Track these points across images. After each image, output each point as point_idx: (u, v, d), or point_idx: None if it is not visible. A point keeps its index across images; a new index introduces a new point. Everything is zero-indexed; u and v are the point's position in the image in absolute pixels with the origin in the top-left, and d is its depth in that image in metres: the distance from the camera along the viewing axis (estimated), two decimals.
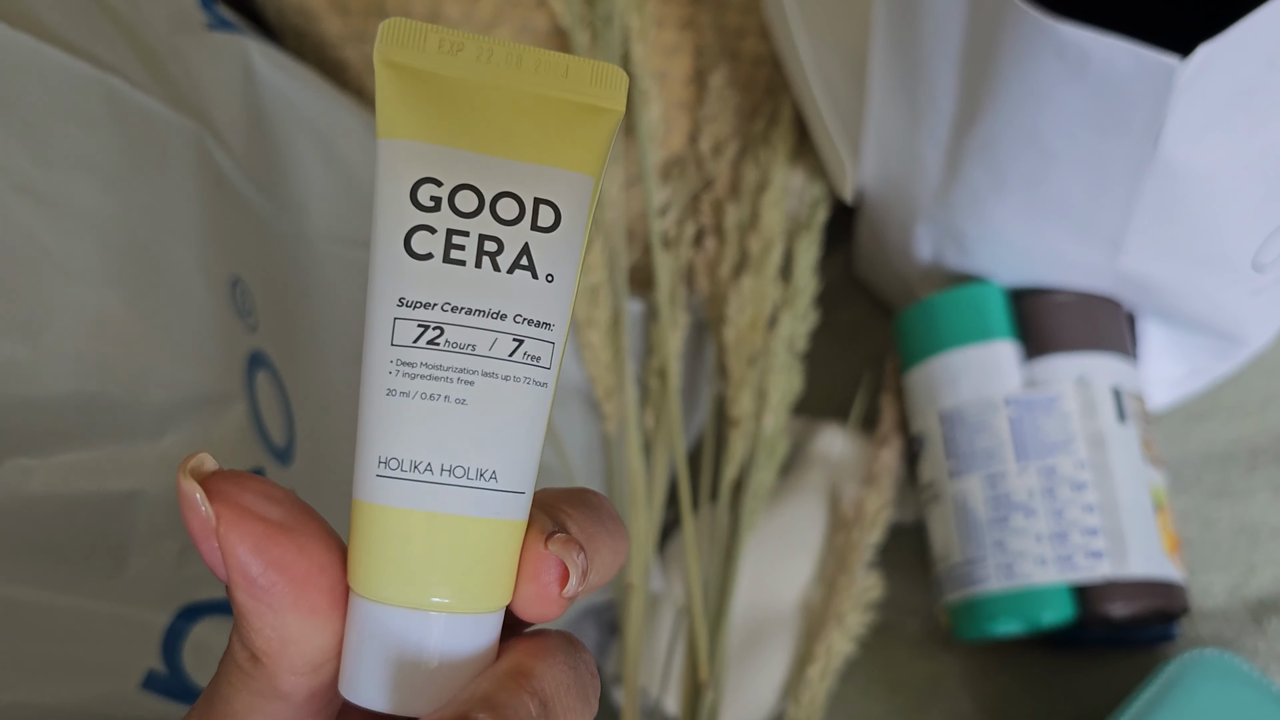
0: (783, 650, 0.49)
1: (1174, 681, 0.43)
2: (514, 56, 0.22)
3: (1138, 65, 0.36)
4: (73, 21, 0.36)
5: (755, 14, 0.55)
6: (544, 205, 0.22)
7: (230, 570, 0.21)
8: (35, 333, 0.32)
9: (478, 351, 0.22)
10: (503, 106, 0.22)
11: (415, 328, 0.21)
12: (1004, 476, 0.45)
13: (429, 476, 0.22)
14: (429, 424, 0.21)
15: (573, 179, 0.22)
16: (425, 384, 0.21)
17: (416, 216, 0.22)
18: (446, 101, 0.22)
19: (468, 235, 0.22)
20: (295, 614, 0.22)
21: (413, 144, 0.22)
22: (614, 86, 0.22)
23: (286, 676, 0.22)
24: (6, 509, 0.32)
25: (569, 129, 0.22)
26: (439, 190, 0.21)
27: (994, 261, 0.48)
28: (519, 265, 0.22)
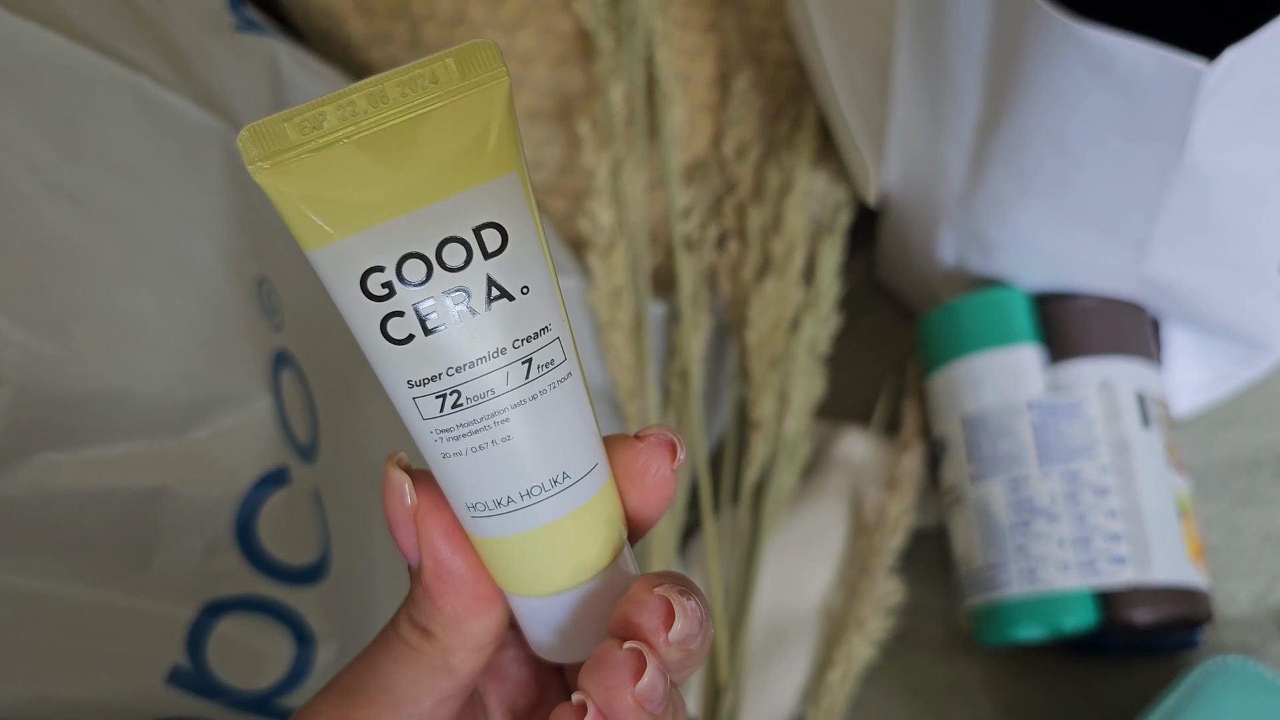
0: (803, 653, 0.49)
1: (1197, 689, 0.43)
2: (377, 94, 0.21)
3: (1164, 68, 0.35)
4: (102, 21, 0.37)
5: (779, 17, 0.55)
6: (485, 230, 0.22)
7: (424, 553, 0.24)
8: (64, 329, 0.32)
9: (498, 392, 0.22)
10: (393, 153, 0.21)
11: (434, 400, 0.22)
12: (1026, 481, 0.45)
13: (514, 506, 0.23)
14: (491, 468, 0.23)
15: (497, 187, 0.22)
16: (469, 440, 0.23)
17: (379, 309, 0.22)
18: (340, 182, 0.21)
19: (433, 299, 0.22)
20: (473, 597, 0.24)
21: (336, 245, 0.21)
22: (484, 60, 0.21)
23: (457, 653, 0.24)
24: (34, 504, 0.33)
25: (465, 136, 0.21)
26: (384, 275, 0.21)
27: (1017, 265, 0.47)
28: (492, 298, 0.22)
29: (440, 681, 0.24)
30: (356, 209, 0.21)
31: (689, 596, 0.24)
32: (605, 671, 0.23)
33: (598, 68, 0.51)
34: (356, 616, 0.41)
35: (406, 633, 0.25)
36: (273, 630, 0.37)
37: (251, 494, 0.36)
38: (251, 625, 0.37)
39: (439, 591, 0.24)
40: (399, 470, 0.24)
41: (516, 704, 0.28)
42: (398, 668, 0.24)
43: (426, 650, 0.24)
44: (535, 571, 0.24)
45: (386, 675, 0.24)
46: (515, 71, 0.52)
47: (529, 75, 0.52)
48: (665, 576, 0.24)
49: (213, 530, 0.36)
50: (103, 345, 0.33)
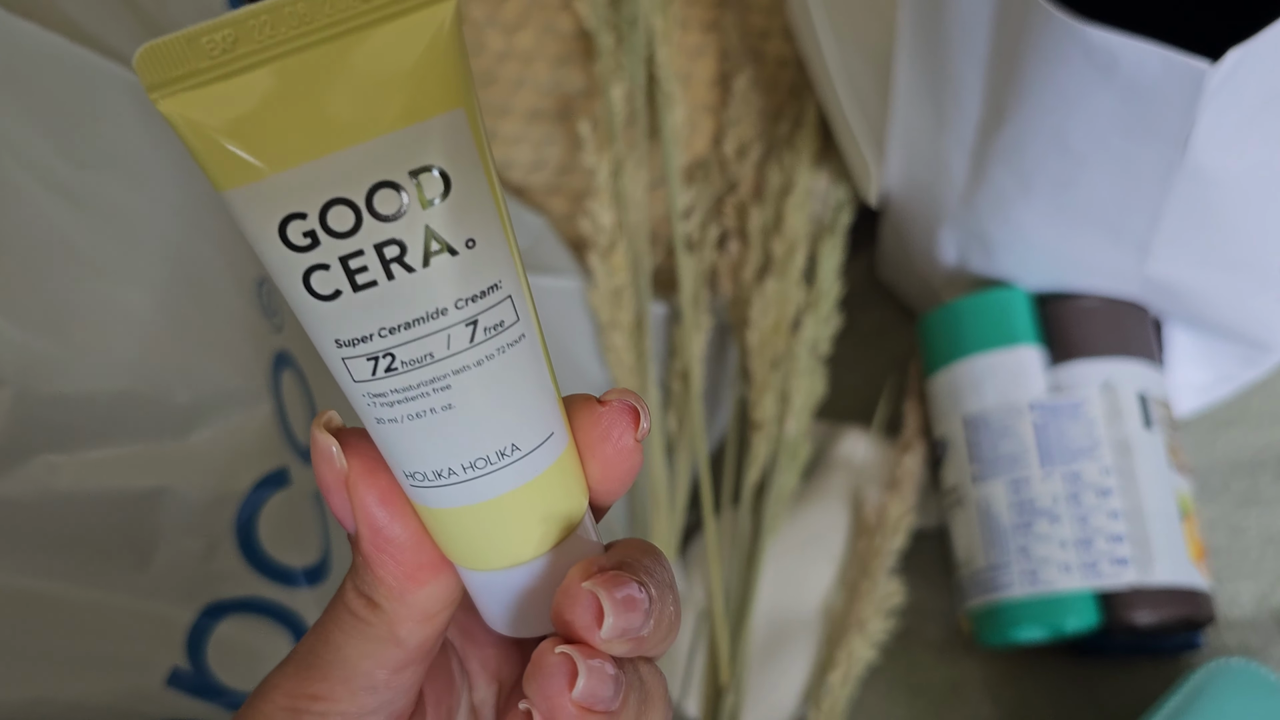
0: (804, 654, 0.49)
1: (1199, 690, 0.43)
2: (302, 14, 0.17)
3: (1167, 69, 0.35)
4: (102, 20, 0.37)
5: (779, 16, 0.55)
6: (424, 174, 0.19)
7: (359, 520, 0.22)
8: (64, 330, 0.32)
9: (437, 357, 0.20)
10: (323, 81, 0.18)
11: (365, 362, 0.20)
12: (1028, 482, 0.45)
13: (456, 479, 0.21)
14: (429, 438, 0.21)
15: (440, 125, 0.19)
16: (405, 407, 0.20)
17: (301, 260, 0.19)
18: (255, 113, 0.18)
19: (363, 253, 0.19)
20: (415, 566, 0.23)
21: (251, 187, 0.18)
22: None
23: (404, 623, 0.23)
24: (34, 505, 0.32)
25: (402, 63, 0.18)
26: (306, 223, 0.18)
27: (1019, 265, 0.47)
28: (431, 251, 0.19)
29: (390, 652, 0.23)
30: (274, 146, 0.18)
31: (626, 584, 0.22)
32: (542, 680, 0.22)
33: (598, 67, 0.51)
34: None
35: (353, 603, 0.23)
36: (273, 632, 0.37)
37: (252, 495, 0.36)
38: (252, 627, 0.37)
39: (378, 561, 0.22)
40: (325, 433, 0.22)
41: (501, 672, 0.27)
42: (346, 639, 0.23)
43: (373, 621, 0.23)
44: (482, 545, 0.22)
45: (337, 647, 0.23)
46: (516, 71, 0.52)
47: (529, 75, 0.52)
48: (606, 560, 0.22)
49: (213, 531, 0.36)
50: (103, 346, 0.33)
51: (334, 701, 0.23)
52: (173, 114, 0.18)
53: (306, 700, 0.23)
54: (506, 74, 0.52)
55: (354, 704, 0.23)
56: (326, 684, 0.23)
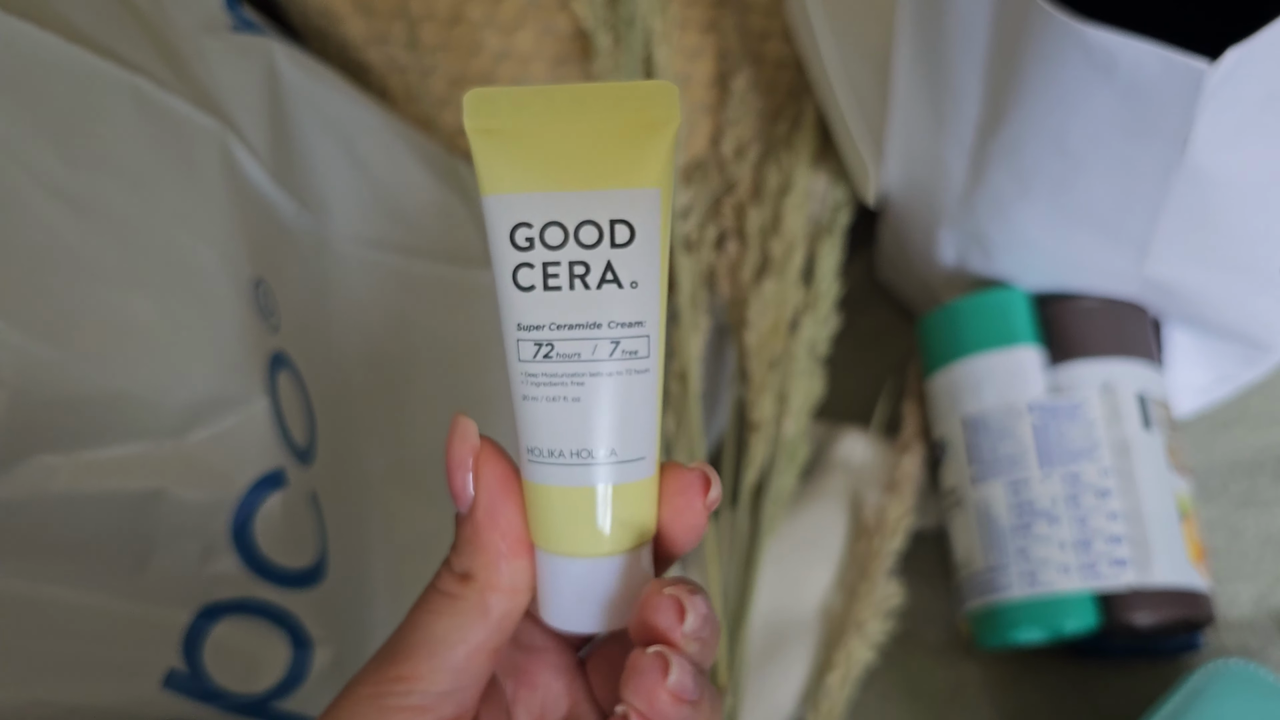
0: (802, 656, 0.49)
1: (1198, 692, 0.43)
2: (575, 98, 0.26)
3: (1166, 69, 0.35)
4: (99, 22, 0.37)
5: (778, 17, 0.55)
6: (619, 224, 0.26)
7: (481, 490, 0.26)
8: (61, 332, 0.32)
9: (583, 358, 0.26)
10: (571, 145, 0.26)
11: (532, 346, 0.26)
12: (1027, 483, 0.45)
13: (562, 460, 0.26)
14: (556, 420, 0.26)
15: (640, 195, 0.26)
16: (547, 389, 0.26)
17: (517, 256, 0.26)
18: (528, 152, 0.26)
19: (559, 264, 0.26)
20: (516, 539, 0.27)
21: (505, 196, 0.26)
22: (665, 99, 0.26)
23: (494, 593, 0.26)
24: (31, 507, 0.32)
25: (630, 150, 0.26)
26: (530, 231, 0.26)
27: (1018, 266, 0.47)
28: (605, 280, 0.26)
29: (475, 625, 0.26)
30: (530, 174, 0.26)
31: (695, 593, 0.26)
32: (639, 678, 0.25)
33: (596, 68, 0.51)
34: (354, 620, 0.41)
35: (445, 582, 0.26)
36: (270, 634, 0.37)
37: (248, 497, 0.36)
38: (248, 629, 0.37)
39: (488, 528, 0.26)
40: (467, 418, 0.26)
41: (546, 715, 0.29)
42: (434, 618, 0.26)
43: (463, 594, 0.26)
44: (565, 528, 0.26)
45: (425, 628, 0.26)
46: (514, 72, 0.52)
47: (527, 76, 0.52)
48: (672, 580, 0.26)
49: (209, 533, 0.36)
50: (100, 348, 0.33)
51: (416, 681, 0.26)
52: (474, 133, 0.26)
53: (390, 684, 0.26)
54: (504, 74, 0.52)
55: (434, 683, 0.26)
56: (410, 664, 0.26)
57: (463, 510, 0.27)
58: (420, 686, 0.26)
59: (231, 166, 0.39)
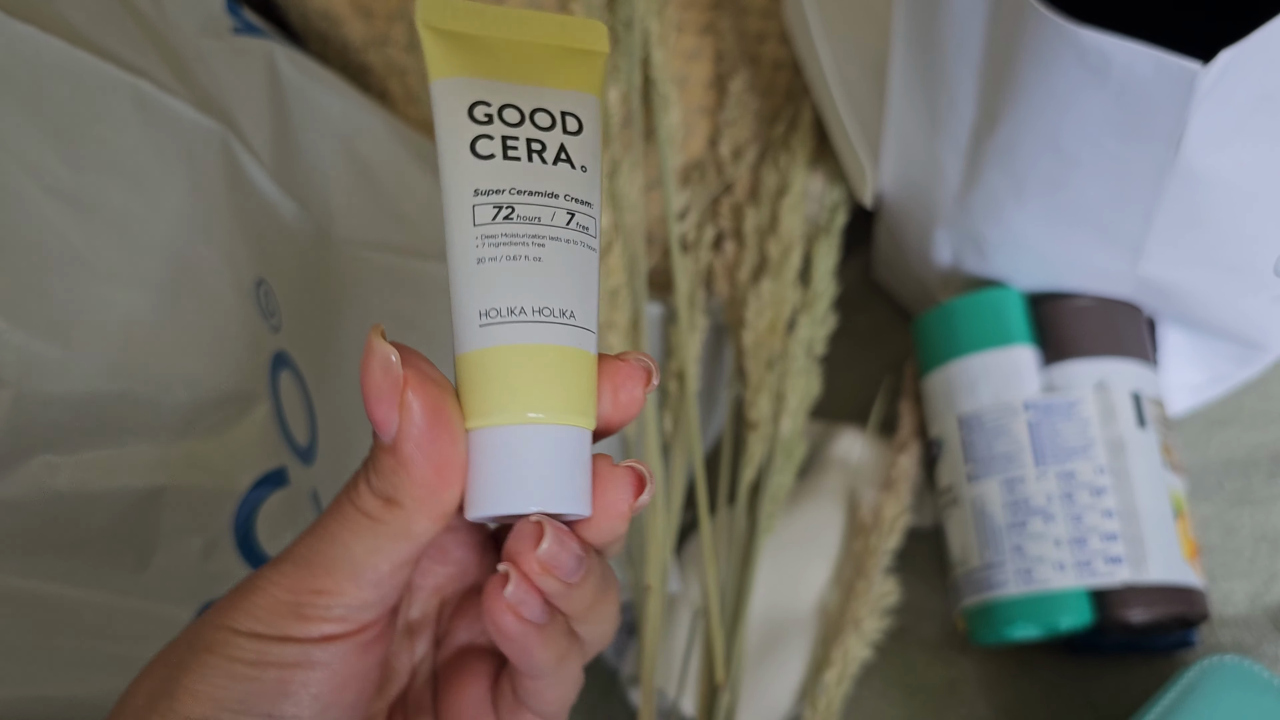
0: (799, 653, 0.49)
1: (1193, 688, 0.43)
2: (521, 18, 0.28)
3: (1159, 70, 0.36)
4: (101, 25, 0.37)
5: (775, 19, 0.55)
6: (569, 116, 0.28)
7: (406, 426, 0.24)
8: (64, 332, 0.32)
9: (543, 222, 0.27)
10: (521, 52, 0.28)
11: (491, 209, 0.27)
12: (1023, 481, 0.45)
13: (523, 317, 0.26)
14: (517, 277, 0.27)
15: (584, 98, 0.28)
16: (508, 249, 0.27)
17: (475, 129, 0.27)
18: (479, 51, 0.27)
19: (518, 139, 0.27)
20: (449, 469, 0.25)
21: (460, 79, 0.27)
22: (600, 35, 0.29)
23: (422, 520, 0.25)
24: (33, 505, 0.33)
25: (572, 65, 0.28)
26: (489, 109, 0.27)
27: (1013, 266, 0.47)
28: (560, 159, 0.27)
29: (401, 548, 0.25)
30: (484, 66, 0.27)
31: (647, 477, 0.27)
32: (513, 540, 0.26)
33: None
34: None
35: (368, 503, 0.25)
36: None
37: (250, 495, 0.36)
38: None
39: (419, 461, 0.25)
40: (383, 340, 0.25)
41: (445, 588, 0.30)
42: (355, 538, 0.25)
43: (388, 520, 0.25)
44: (520, 389, 0.26)
45: (344, 545, 0.25)
46: None
47: None
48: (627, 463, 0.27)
49: (212, 531, 0.36)
50: (102, 347, 0.33)
51: (339, 595, 0.25)
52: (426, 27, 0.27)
53: (310, 595, 0.25)
54: None
55: (358, 597, 0.25)
56: (332, 579, 0.25)
57: (385, 440, 0.25)
58: (342, 600, 0.25)
59: (233, 168, 0.39)
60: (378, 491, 0.25)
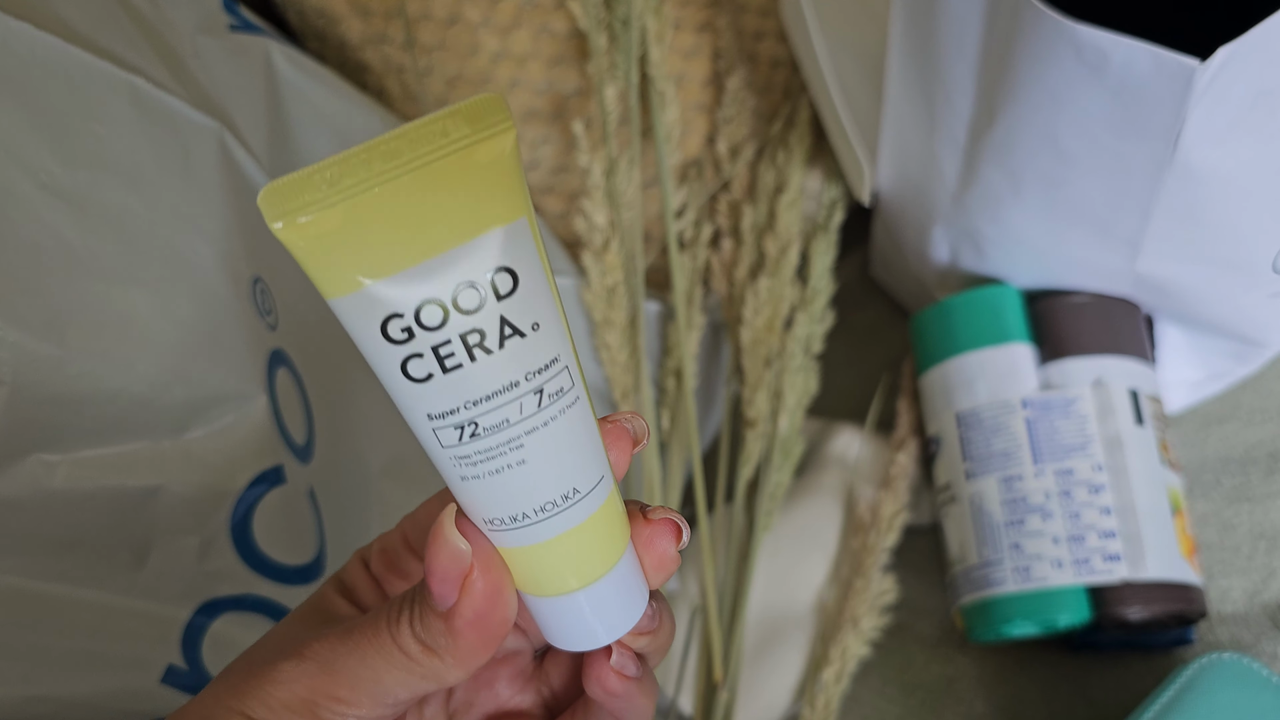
0: (797, 651, 0.49)
1: (1191, 685, 0.43)
2: (391, 151, 0.22)
3: (1157, 67, 0.36)
4: (97, 22, 0.37)
5: (773, 17, 0.55)
6: (498, 274, 0.23)
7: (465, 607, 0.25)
8: (60, 330, 0.32)
9: (513, 422, 0.24)
10: (411, 204, 0.22)
11: (453, 430, 0.24)
12: (1020, 478, 0.45)
13: (529, 521, 0.25)
14: (506, 489, 0.24)
15: (508, 233, 0.23)
16: (486, 465, 0.24)
17: (399, 351, 0.23)
18: (362, 235, 0.22)
19: (450, 342, 0.23)
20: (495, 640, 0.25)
21: (356, 295, 0.22)
22: (491, 112, 0.22)
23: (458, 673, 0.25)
24: (30, 504, 0.33)
25: (475, 189, 0.22)
26: (404, 321, 0.22)
27: (1011, 263, 0.47)
28: (505, 336, 0.23)
29: (427, 686, 0.26)
30: (374, 259, 0.22)
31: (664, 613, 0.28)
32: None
33: (592, 68, 0.51)
34: None
35: (408, 644, 0.25)
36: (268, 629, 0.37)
37: (247, 493, 0.36)
38: (247, 624, 0.37)
39: (470, 635, 0.25)
40: (457, 533, 0.25)
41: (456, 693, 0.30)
42: (386, 666, 0.25)
43: (424, 662, 0.25)
44: (550, 575, 0.26)
45: (374, 669, 0.25)
46: (510, 72, 0.52)
47: (524, 76, 0.53)
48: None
49: (208, 530, 0.36)
50: (98, 345, 0.33)
51: (355, 706, 0.25)
52: (288, 238, 0.21)
53: (329, 700, 0.25)
54: (501, 75, 0.52)
55: (375, 713, 0.26)
56: (354, 694, 0.25)
57: (439, 609, 0.25)
58: (357, 712, 0.25)
59: (229, 165, 0.39)
60: (420, 637, 0.25)
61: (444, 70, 0.52)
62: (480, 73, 0.52)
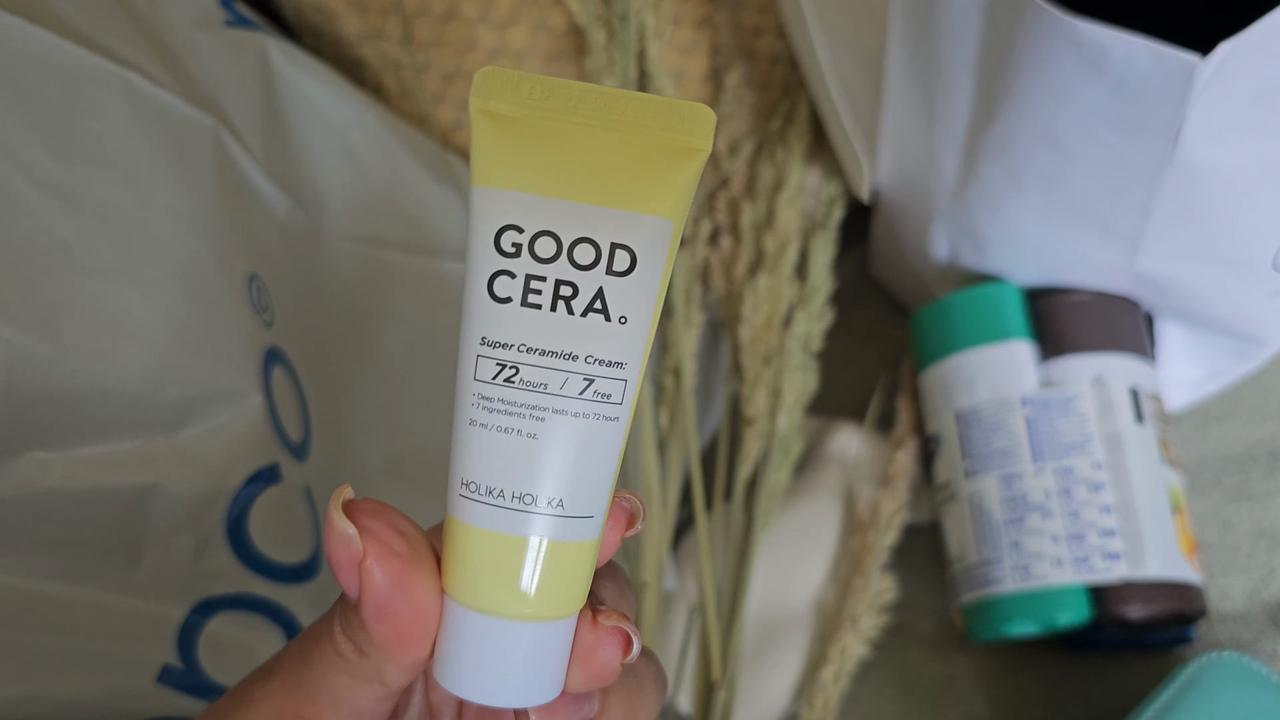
0: (796, 651, 0.49)
1: (1191, 684, 0.43)
2: (603, 102, 0.23)
3: (1157, 63, 0.35)
4: (91, 18, 0.37)
5: (772, 12, 0.55)
6: (620, 250, 0.23)
7: (366, 597, 0.23)
8: (54, 327, 0.32)
9: (549, 390, 0.23)
10: (590, 152, 0.23)
11: (494, 365, 0.23)
12: (1020, 477, 0.45)
13: (501, 502, 0.23)
14: (502, 455, 0.23)
15: (651, 223, 0.23)
16: (501, 418, 0.23)
17: (498, 262, 0.23)
18: (536, 149, 0.23)
19: (545, 280, 0.23)
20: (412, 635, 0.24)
21: (500, 192, 0.23)
22: (701, 125, 0.23)
23: (391, 671, 0.24)
24: (24, 502, 0.32)
25: (652, 172, 0.23)
26: (520, 237, 0.23)
27: (1010, 261, 0.47)
28: (592, 309, 0.23)
29: (374, 690, 0.25)
30: (535, 173, 0.23)
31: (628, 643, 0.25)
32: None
33: (590, 63, 0.51)
34: None
35: (341, 645, 0.24)
36: (264, 628, 0.37)
37: (242, 492, 0.36)
38: (243, 623, 0.37)
39: (380, 629, 0.24)
40: (344, 518, 0.23)
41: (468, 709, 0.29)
42: (332, 671, 0.24)
43: (360, 664, 0.24)
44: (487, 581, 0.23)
45: (323, 676, 0.25)
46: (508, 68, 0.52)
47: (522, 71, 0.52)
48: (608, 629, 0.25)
49: (204, 528, 0.36)
50: (92, 343, 0.33)
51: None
52: (477, 115, 0.23)
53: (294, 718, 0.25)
54: None
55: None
56: (313, 707, 0.25)
57: (350, 600, 0.24)
58: None
59: (225, 162, 0.39)
60: (350, 637, 0.24)
61: (441, 66, 0.52)
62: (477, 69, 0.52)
